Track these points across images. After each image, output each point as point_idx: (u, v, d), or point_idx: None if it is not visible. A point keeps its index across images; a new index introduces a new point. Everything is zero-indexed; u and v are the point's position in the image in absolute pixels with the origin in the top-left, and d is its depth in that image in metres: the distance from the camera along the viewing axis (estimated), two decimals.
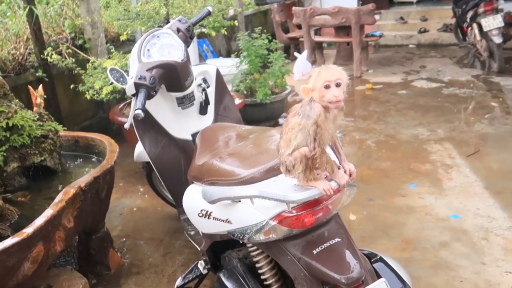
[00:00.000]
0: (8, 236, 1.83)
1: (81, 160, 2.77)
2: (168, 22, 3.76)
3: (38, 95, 2.66)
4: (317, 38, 7.22)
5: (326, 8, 6.87)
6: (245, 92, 4.55)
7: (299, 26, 7.36)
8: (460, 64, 6.90)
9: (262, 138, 1.84)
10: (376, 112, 5.09)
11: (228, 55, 7.09)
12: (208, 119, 2.42)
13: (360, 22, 6.39)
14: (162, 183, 2.45)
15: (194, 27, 2.35)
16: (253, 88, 4.54)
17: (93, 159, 2.75)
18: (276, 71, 4.43)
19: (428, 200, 3.18)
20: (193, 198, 1.81)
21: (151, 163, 2.40)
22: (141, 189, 3.63)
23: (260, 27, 4.75)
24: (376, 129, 4.55)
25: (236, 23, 4.13)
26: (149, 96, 2.04)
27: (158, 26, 3.67)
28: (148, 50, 2.15)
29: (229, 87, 4.80)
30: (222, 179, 1.59)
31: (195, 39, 5.36)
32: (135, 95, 2.04)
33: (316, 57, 7.18)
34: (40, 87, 2.72)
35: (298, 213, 1.42)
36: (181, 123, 2.36)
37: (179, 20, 2.30)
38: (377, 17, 6.84)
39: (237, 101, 3.86)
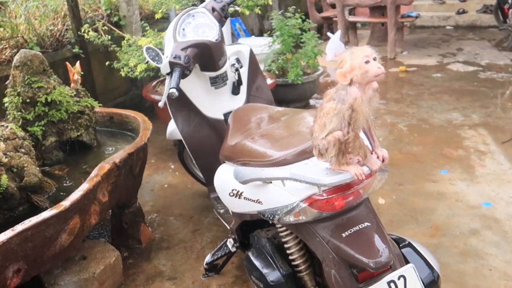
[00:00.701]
0: (46, 208, 1.91)
1: (115, 136, 2.84)
2: (202, 1, 3.76)
3: (75, 71, 2.72)
4: (351, 18, 7.09)
5: None
6: (276, 72, 4.53)
7: (333, 6, 7.24)
8: (499, 47, 6.69)
9: (294, 121, 1.84)
10: (409, 95, 5.01)
11: (260, 34, 7.04)
12: (240, 99, 2.43)
13: (396, 3, 6.23)
14: (194, 161, 2.49)
15: (228, 6, 2.35)
16: (285, 68, 4.52)
17: (127, 136, 2.81)
18: (308, 52, 4.39)
19: (460, 186, 3.14)
20: (225, 177, 1.84)
21: (183, 141, 2.43)
22: (172, 166, 3.69)
23: (294, 6, 4.70)
24: (409, 113, 4.49)
25: (270, 1, 4.09)
26: (183, 75, 2.06)
27: (193, 5, 3.68)
28: (183, 29, 2.17)
29: (261, 67, 4.82)
30: (254, 160, 1.61)
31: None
32: (170, 74, 2.07)
33: (349, 38, 7.07)
34: (78, 63, 2.78)
35: (329, 197, 1.43)
36: (214, 102, 2.38)
37: (215, 0, 2.30)
38: None
39: (269, 81, 3.86)
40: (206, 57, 2.19)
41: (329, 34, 6.67)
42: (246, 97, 2.44)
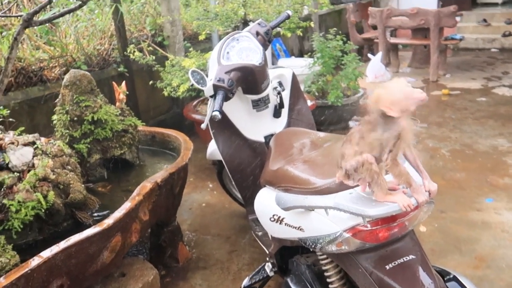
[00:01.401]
0: (90, 225, 1.95)
1: (157, 154, 2.88)
2: (245, 22, 3.81)
3: (121, 91, 2.80)
4: (393, 40, 7.03)
5: (404, 9, 6.66)
6: (316, 93, 4.53)
7: (374, 27, 7.20)
8: None
9: (336, 148, 1.83)
10: (452, 119, 4.89)
11: (300, 54, 7.07)
12: (281, 122, 2.44)
13: (440, 25, 6.14)
14: (233, 182, 2.50)
15: (272, 30, 2.37)
16: (325, 89, 4.51)
17: (168, 155, 2.85)
18: (349, 74, 4.38)
19: (506, 216, 3.02)
20: (266, 202, 1.83)
21: (224, 162, 2.45)
22: (210, 185, 3.72)
23: (335, 28, 4.70)
24: (452, 138, 4.38)
25: (311, 24, 4.10)
26: (226, 98, 2.08)
27: (235, 27, 3.73)
28: (228, 52, 2.20)
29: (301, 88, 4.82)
30: (297, 186, 1.60)
31: None
32: (213, 96, 2.09)
33: (390, 59, 7.00)
34: (123, 83, 2.85)
35: (373, 228, 1.41)
36: (255, 124, 2.39)
37: (259, 24, 2.33)
38: (457, 19, 6.54)
39: (309, 103, 3.83)
40: (249, 80, 2.21)
41: (369, 55, 6.63)
42: (287, 120, 2.44)
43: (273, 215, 1.71)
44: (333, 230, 1.46)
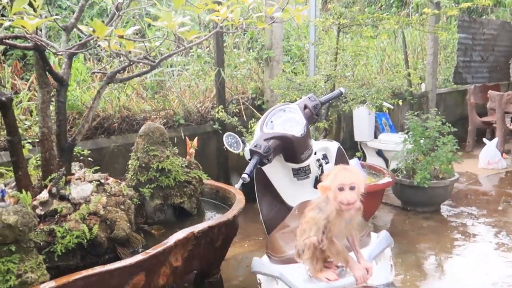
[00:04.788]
0: None
1: (218, 208, 3.07)
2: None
3: (191, 146, 3.08)
4: None
5: None
6: (404, 172, 4.41)
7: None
8: None
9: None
10: None
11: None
12: None
13: None
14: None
15: (322, 106, 2.47)
16: (414, 169, 4.37)
17: (226, 210, 3.02)
18: (441, 156, 4.20)
19: None
20: None
21: (263, 224, 2.54)
22: None
23: (454, 106, 4.59)
24: None
25: (400, 102, 4.08)
26: (261, 163, 2.21)
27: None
28: (272, 121, 2.34)
29: (393, 164, 4.73)
30: (272, 254, 1.65)
31: (373, 112, 5.45)
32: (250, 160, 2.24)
33: (508, 147, 6.49)
34: (195, 140, 3.13)
35: None
36: (295, 192, 2.46)
37: (309, 98, 2.45)
38: None
39: (385, 180, 3.78)
40: (289, 149, 2.32)
41: (485, 140, 6.25)
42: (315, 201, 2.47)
43: (258, 280, 1.76)
44: None
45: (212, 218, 2.88)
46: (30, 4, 1.90)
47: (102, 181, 2.53)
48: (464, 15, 7.70)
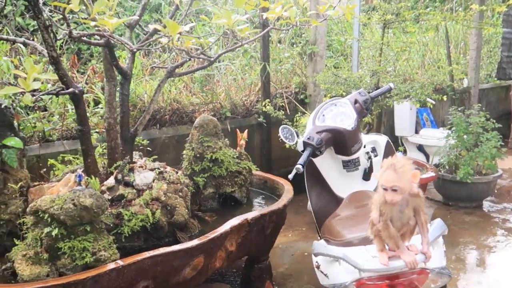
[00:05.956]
0: None
1: (266, 198, 3.20)
2: (377, 89, 4.01)
3: (242, 137, 3.21)
4: None
5: None
6: (447, 167, 4.44)
7: None
8: None
9: None
10: None
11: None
12: (371, 185, 2.57)
13: None
14: (318, 234, 2.69)
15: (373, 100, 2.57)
16: (457, 164, 4.40)
17: (274, 200, 3.15)
18: (484, 151, 4.21)
19: None
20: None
21: (313, 214, 2.66)
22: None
23: (497, 102, 4.59)
24: None
25: (444, 98, 4.11)
26: (313, 155, 2.33)
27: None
28: (323, 115, 2.46)
29: (434, 159, 4.76)
30: (332, 238, 1.76)
31: (414, 107, 5.47)
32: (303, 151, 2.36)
33: None
34: (245, 132, 3.26)
35: (377, 282, 1.51)
36: (345, 183, 2.57)
37: (359, 93, 2.55)
38: None
39: (428, 174, 3.84)
40: (340, 142, 2.43)
41: None
42: (376, 184, 2.57)
43: (316, 262, 1.88)
44: (345, 280, 1.60)
45: (261, 207, 3.02)
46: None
47: (161, 169, 2.70)
48: (509, 9, 7.56)
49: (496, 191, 4.83)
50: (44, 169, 3.00)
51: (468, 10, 4.33)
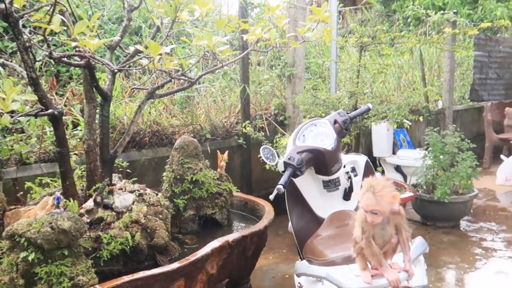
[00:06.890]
0: None
1: (247, 219, 3.19)
2: (355, 109, 4.07)
3: (222, 159, 3.21)
4: None
5: None
6: (424, 187, 4.50)
7: None
8: None
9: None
10: None
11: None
12: (351, 204, 2.58)
13: None
14: (301, 254, 2.68)
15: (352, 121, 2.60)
16: (434, 184, 4.46)
17: (255, 221, 3.14)
18: (460, 171, 4.29)
19: None
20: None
21: (294, 234, 2.65)
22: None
23: (470, 123, 4.68)
24: None
25: (421, 118, 4.20)
26: (294, 175, 2.33)
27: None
28: (304, 135, 2.47)
29: (412, 179, 4.83)
30: (313, 258, 1.77)
31: (391, 128, 5.57)
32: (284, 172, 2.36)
33: None
34: (226, 153, 3.27)
35: None
36: (325, 203, 2.57)
37: (338, 113, 2.58)
38: None
39: (406, 194, 3.88)
40: (320, 162, 2.44)
41: (502, 157, 6.29)
42: (356, 204, 2.59)
43: (298, 283, 1.87)
44: None
45: (242, 229, 3.00)
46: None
47: (141, 191, 2.67)
48: (480, 33, 7.80)
49: (472, 210, 4.90)
50: (21, 193, 2.94)
51: (441, 34, 4.46)
